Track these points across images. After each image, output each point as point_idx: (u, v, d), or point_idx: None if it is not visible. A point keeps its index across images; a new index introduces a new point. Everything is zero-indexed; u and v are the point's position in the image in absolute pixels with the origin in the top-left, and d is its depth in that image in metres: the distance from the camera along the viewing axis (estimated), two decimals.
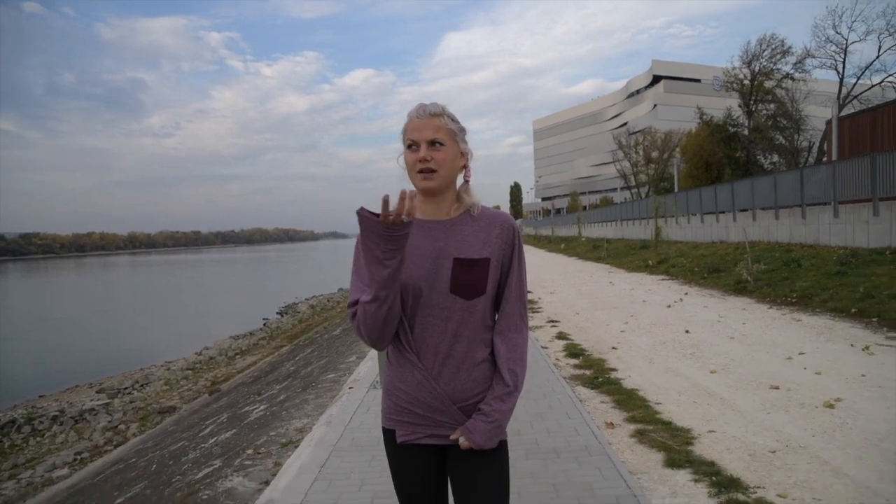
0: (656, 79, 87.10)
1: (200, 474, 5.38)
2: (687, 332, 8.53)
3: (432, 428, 1.69)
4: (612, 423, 4.77)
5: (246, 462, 5.11)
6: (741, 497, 3.36)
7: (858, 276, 10.64)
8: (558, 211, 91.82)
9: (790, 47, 36.80)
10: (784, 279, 11.92)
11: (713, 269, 14.97)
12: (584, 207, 68.35)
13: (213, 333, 23.20)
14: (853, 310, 8.99)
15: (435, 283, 1.63)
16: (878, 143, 18.27)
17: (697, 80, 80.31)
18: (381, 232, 1.47)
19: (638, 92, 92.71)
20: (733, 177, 32.54)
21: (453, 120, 1.66)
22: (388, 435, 1.75)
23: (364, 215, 1.49)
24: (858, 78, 33.71)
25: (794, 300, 10.46)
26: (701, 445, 4.22)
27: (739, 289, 12.38)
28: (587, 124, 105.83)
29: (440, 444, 1.71)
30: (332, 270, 53.49)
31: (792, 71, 36.93)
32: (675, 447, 4.15)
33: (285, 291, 38.13)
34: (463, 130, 1.68)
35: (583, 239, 40.29)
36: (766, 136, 38.45)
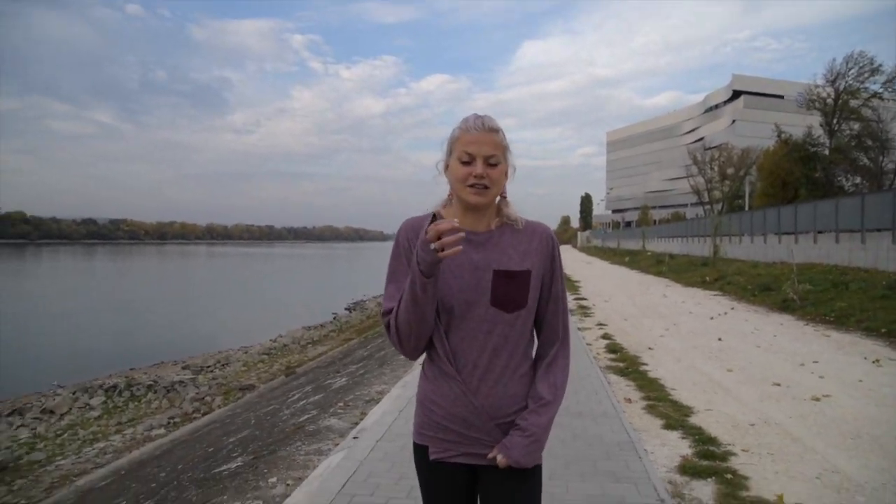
0: (736, 94, 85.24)
1: (302, 419, 6.84)
2: (719, 339, 9.50)
3: (466, 446, 1.65)
4: (629, 399, 5.94)
5: (338, 411, 6.52)
6: (713, 449, 4.50)
7: None
8: (628, 224, 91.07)
9: (880, 65, 35.14)
10: (829, 299, 12.56)
11: (765, 288, 15.61)
12: (655, 222, 67.85)
13: (285, 323, 24.18)
14: (883, 329, 9.70)
15: (475, 295, 1.61)
16: None
17: (780, 97, 77.87)
18: (422, 247, 1.48)
19: (716, 106, 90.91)
20: (809, 198, 32.14)
21: (505, 137, 1.64)
22: (420, 451, 1.71)
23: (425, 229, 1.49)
24: None
25: (831, 318, 11.18)
26: (696, 418, 5.34)
27: (784, 306, 13.08)
28: (662, 137, 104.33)
29: (473, 464, 1.66)
30: None
31: (881, 90, 35.52)
32: (675, 417, 5.30)
33: (353, 288, 39.18)
34: (509, 145, 1.66)
35: (648, 253, 40.61)
36: (849, 156, 37.39)
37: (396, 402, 5.94)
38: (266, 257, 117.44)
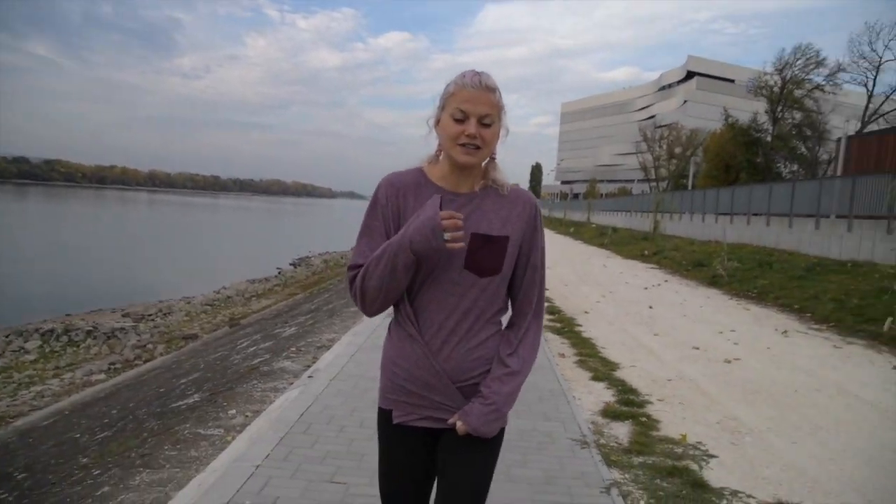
0: (690, 74, 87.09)
1: (255, 362, 7.15)
2: (650, 307, 10.22)
3: (429, 410, 1.62)
4: (563, 355, 6.50)
5: (291, 355, 6.86)
6: (633, 398, 5.08)
7: (815, 281, 12.16)
8: (576, 196, 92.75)
9: (824, 59, 36.82)
10: (754, 277, 13.49)
11: (698, 264, 16.55)
12: (602, 195, 69.35)
13: (228, 276, 23.90)
14: (796, 306, 10.60)
15: (449, 257, 1.56)
16: (882, 164, 19.40)
17: (731, 81, 79.86)
18: (430, 231, 1.47)
19: (670, 86, 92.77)
20: (750, 181, 33.45)
21: (501, 97, 1.58)
22: (384, 415, 1.68)
23: (432, 209, 1.49)
24: (888, 97, 34.28)
25: (753, 294, 12.08)
26: (621, 372, 5.93)
27: (713, 282, 13.99)
28: (615, 112, 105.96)
29: (434, 428, 1.64)
30: (346, 229, 54.68)
31: (823, 82, 37.10)
32: (602, 371, 5.88)
33: (299, 244, 38.95)
34: (504, 107, 1.61)
35: (592, 225, 41.77)
36: (789, 144, 38.81)
37: (348, 347, 6.33)
38: (210, 208, 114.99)
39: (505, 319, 1.71)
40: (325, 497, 3.07)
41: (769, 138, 39.45)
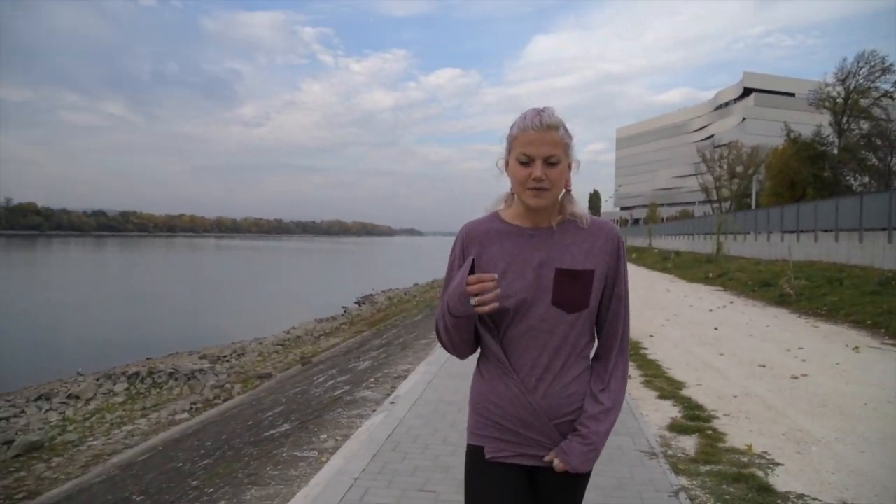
0: (747, 91, 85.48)
1: (337, 393, 7.65)
2: (715, 329, 10.28)
3: (524, 447, 1.62)
4: (630, 376, 6.69)
5: (370, 385, 7.32)
6: (699, 413, 5.28)
7: (890, 296, 11.91)
8: (636, 221, 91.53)
9: (891, 65, 35.33)
10: (823, 294, 13.27)
11: (764, 284, 16.33)
12: (663, 219, 68.26)
13: (296, 316, 24.46)
14: (868, 322, 10.44)
15: (537, 294, 1.58)
16: None
17: (791, 94, 77.72)
18: (458, 297, 1.52)
19: (727, 104, 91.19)
20: (816, 197, 32.42)
21: (567, 131, 1.57)
22: (474, 452, 1.67)
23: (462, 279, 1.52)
24: None
25: (823, 312, 11.92)
26: (687, 391, 6.12)
27: (781, 301, 13.82)
28: (672, 135, 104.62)
29: (528, 466, 1.64)
30: (407, 266, 55.62)
31: (892, 89, 35.65)
32: (668, 390, 6.09)
33: (362, 282, 39.74)
34: (572, 139, 1.59)
35: (654, 250, 41.26)
36: (857, 155, 37.37)
37: (424, 376, 6.76)
38: (275, 251, 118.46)
39: (592, 352, 1.72)
40: (418, 502, 3.46)
41: (835, 151, 38.16)
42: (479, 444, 1.66)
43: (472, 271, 1.54)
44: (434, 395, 5.89)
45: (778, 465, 4.12)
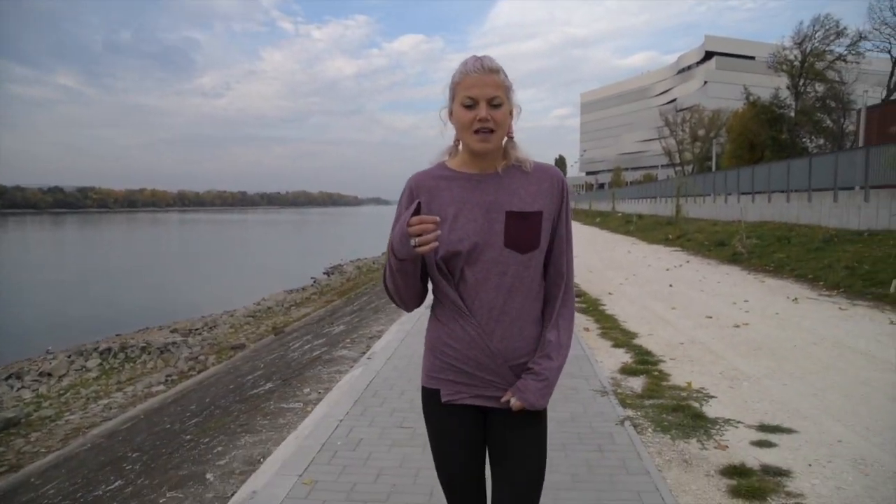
0: (708, 55, 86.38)
1: (315, 353, 8.08)
2: (670, 286, 10.96)
3: (479, 388, 1.66)
4: (587, 329, 7.29)
5: (346, 346, 7.76)
6: (648, 358, 5.87)
7: (832, 252, 12.70)
8: (601, 185, 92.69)
9: (845, 28, 36.09)
10: (772, 252, 14.07)
11: (719, 243, 17.13)
12: (628, 183, 69.33)
13: (265, 288, 24.46)
14: (810, 276, 11.21)
15: (489, 237, 1.61)
16: None
17: (751, 58, 78.56)
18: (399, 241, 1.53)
19: (689, 68, 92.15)
20: (774, 159, 33.15)
21: (507, 77, 1.61)
22: (430, 395, 1.74)
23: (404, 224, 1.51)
24: None
25: (770, 268, 12.70)
26: (640, 340, 6.72)
27: (733, 259, 14.60)
28: (635, 99, 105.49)
29: (483, 406, 1.68)
30: (375, 235, 55.61)
31: (845, 52, 36.41)
32: (622, 339, 6.68)
33: (330, 253, 39.78)
34: (512, 85, 1.62)
35: (618, 214, 42.21)
36: (813, 118, 38.13)
37: (397, 335, 7.23)
38: (240, 223, 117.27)
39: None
40: (397, 437, 3.95)
41: (793, 114, 39.00)
42: (435, 387, 1.72)
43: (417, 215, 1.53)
44: (407, 350, 6.38)
45: (712, 397, 4.71)
